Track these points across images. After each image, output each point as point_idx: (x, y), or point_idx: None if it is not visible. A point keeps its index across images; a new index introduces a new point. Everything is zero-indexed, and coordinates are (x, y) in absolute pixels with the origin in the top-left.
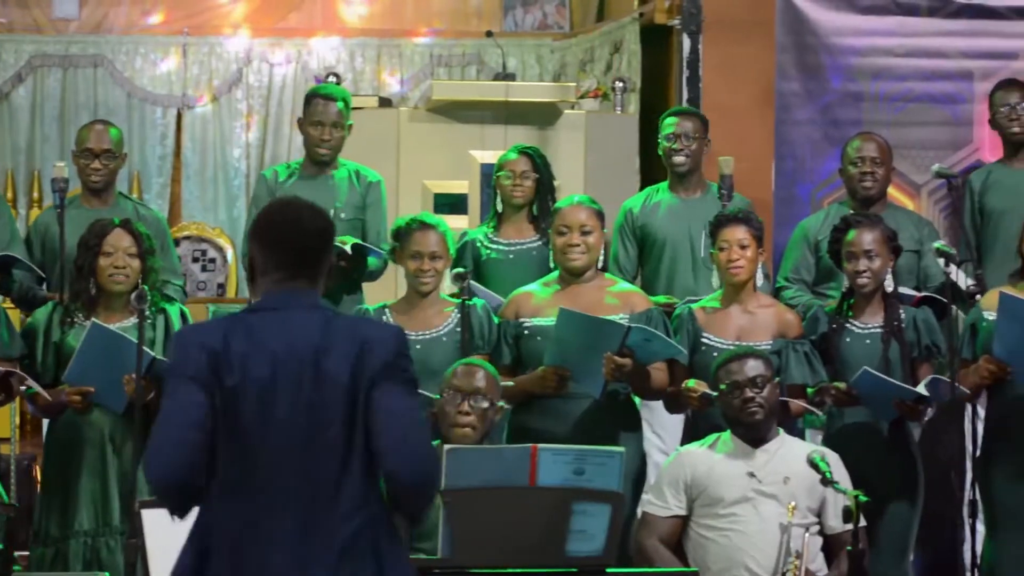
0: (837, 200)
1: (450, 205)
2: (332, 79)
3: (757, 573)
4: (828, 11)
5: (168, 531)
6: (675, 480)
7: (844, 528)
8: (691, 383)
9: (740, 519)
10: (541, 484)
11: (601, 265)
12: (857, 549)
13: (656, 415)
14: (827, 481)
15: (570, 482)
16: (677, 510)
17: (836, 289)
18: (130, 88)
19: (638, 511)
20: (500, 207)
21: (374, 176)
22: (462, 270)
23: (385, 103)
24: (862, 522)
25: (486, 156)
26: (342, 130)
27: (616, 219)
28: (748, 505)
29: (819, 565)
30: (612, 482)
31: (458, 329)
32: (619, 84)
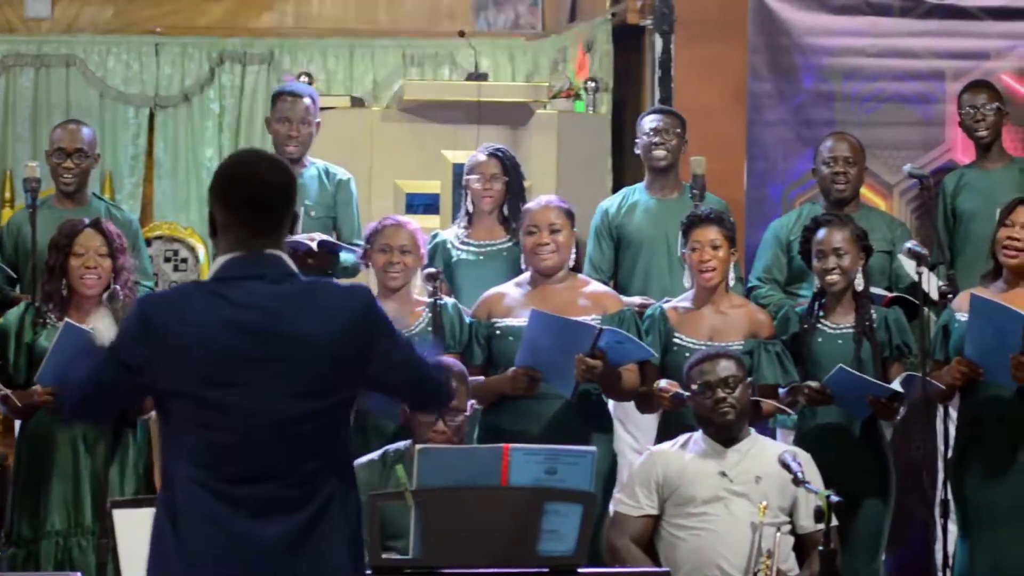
0: (809, 200)
1: (422, 205)
2: (304, 79)
3: (728, 572)
4: (800, 11)
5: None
6: (646, 480)
7: (816, 528)
8: (663, 383)
9: (712, 518)
10: (513, 484)
11: (573, 265)
12: (828, 549)
13: (630, 414)
14: (798, 481)
15: (542, 482)
16: (649, 509)
17: (808, 289)
18: (102, 88)
19: (609, 510)
20: (471, 208)
21: (344, 175)
22: (433, 270)
23: (357, 103)
24: (833, 522)
25: (458, 156)
26: (310, 127)
27: (592, 219)
28: (720, 504)
29: (791, 565)
30: (584, 482)
31: (430, 329)
32: (591, 84)
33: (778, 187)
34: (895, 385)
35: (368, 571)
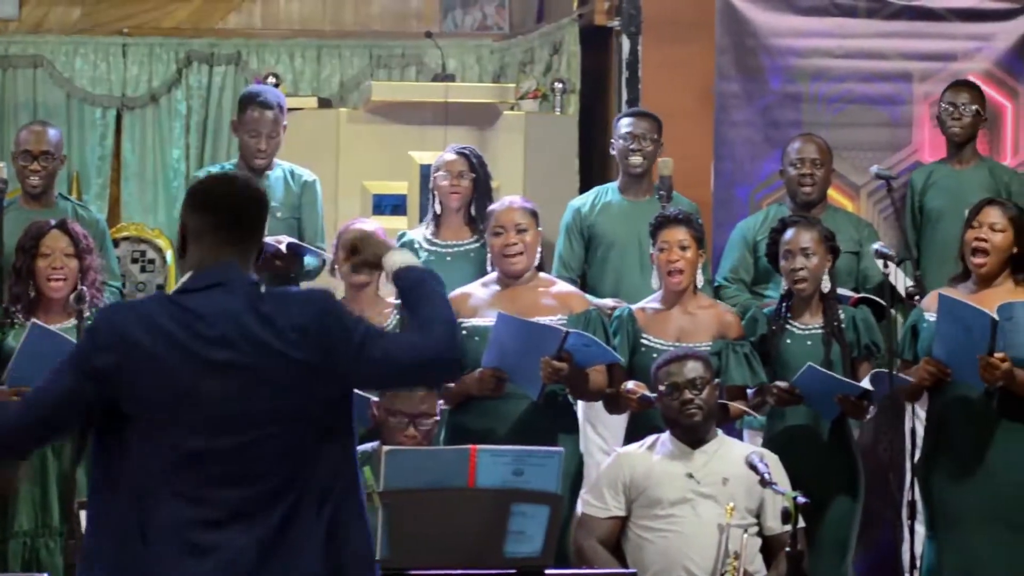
0: (776, 201)
1: (389, 206)
2: (271, 80)
3: (695, 574)
4: (767, 12)
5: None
6: (613, 481)
7: (783, 529)
8: (630, 385)
9: (679, 520)
10: (480, 485)
11: (538, 264)
12: (795, 550)
13: (599, 415)
14: (765, 482)
15: (509, 483)
16: (616, 511)
17: (774, 290)
18: (69, 88)
19: (576, 511)
20: (438, 209)
21: (309, 176)
22: None
23: (324, 104)
24: (800, 523)
25: (425, 157)
26: (278, 137)
27: (563, 217)
28: (687, 506)
29: (758, 566)
30: (550, 483)
31: (398, 330)
32: (558, 85)
33: (745, 188)
34: (864, 383)
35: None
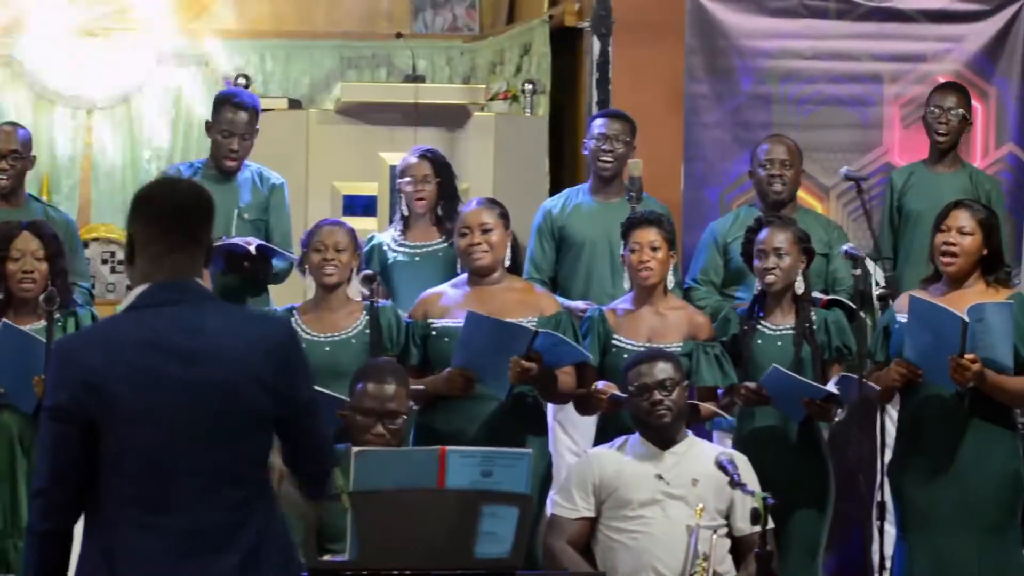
0: (746, 203)
1: (360, 207)
2: (242, 81)
3: (664, 575)
4: (737, 13)
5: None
6: (583, 482)
7: (752, 530)
8: (600, 385)
9: (648, 521)
10: (449, 486)
11: (510, 265)
12: (765, 551)
13: (569, 416)
14: (735, 483)
15: (478, 484)
16: (585, 512)
17: (745, 292)
18: (40, 89)
19: (546, 512)
20: (405, 210)
21: (277, 179)
22: (370, 272)
23: (294, 104)
24: (770, 524)
25: (395, 158)
26: (251, 139)
27: (535, 218)
28: (656, 507)
29: (727, 567)
30: (520, 484)
31: (367, 331)
32: (529, 86)
33: (715, 189)
34: (829, 386)
35: (305, 573)
